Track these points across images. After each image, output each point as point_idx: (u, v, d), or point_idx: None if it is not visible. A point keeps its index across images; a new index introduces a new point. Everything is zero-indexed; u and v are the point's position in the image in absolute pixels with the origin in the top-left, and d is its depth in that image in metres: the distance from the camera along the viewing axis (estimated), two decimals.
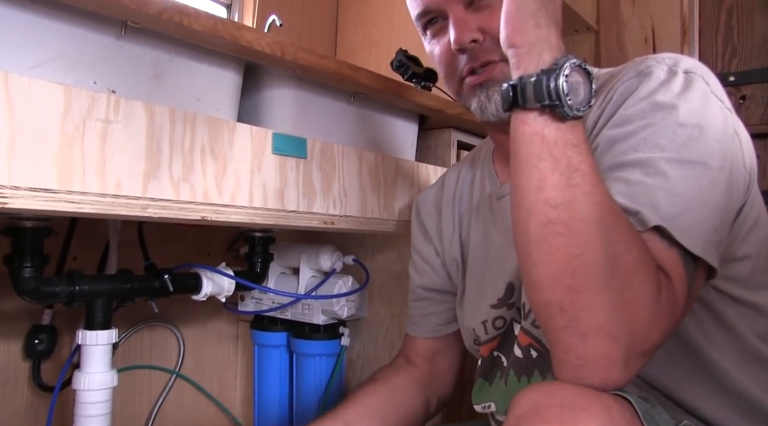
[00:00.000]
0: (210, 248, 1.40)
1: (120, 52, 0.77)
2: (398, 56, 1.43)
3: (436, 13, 0.80)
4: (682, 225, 0.59)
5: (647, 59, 0.71)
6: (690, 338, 0.69)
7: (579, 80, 0.57)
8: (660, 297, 0.55)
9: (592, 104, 0.58)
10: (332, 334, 1.30)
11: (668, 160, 0.61)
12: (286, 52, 0.85)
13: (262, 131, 0.86)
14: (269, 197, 0.87)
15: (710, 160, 0.62)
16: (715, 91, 0.68)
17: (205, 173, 0.79)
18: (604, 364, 0.53)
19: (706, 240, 0.60)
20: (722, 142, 0.64)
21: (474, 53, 0.77)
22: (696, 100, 0.65)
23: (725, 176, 0.63)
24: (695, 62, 0.70)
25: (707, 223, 0.60)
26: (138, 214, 0.72)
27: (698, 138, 0.63)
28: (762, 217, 0.73)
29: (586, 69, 0.58)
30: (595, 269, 0.54)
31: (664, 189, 0.60)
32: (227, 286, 1.13)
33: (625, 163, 0.63)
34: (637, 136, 0.64)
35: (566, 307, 0.55)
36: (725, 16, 2.07)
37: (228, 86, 0.89)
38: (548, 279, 0.56)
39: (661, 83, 0.67)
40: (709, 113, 0.65)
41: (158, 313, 1.13)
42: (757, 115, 2.00)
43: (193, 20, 0.75)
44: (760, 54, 2.01)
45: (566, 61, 0.57)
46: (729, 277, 0.69)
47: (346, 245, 1.36)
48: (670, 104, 0.65)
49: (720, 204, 0.62)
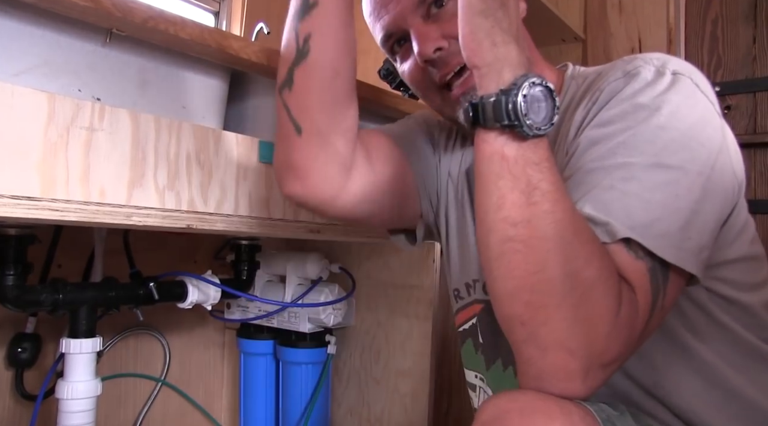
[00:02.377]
0: (197, 256, 1.40)
1: (105, 59, 0.77)
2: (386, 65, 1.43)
3: (398, 34, 0.79)
4: (654, 233, 0.58)
5: (636, 59, 0.70)
6: (681, 337, 0.70)
7: (539, 98, 0.56)
8: (620, 311, 0.55)
9: (555, 122, 0.57)
10: (318, 342, 1.29)
11: (645, 165, 0.61)
12: (272, 61, 0.85)
13: (248, 139, 0.86)
14: (255, 205, 0.86)
15: (690, 165, 0.62)
16: (705, 93, 0.66)
17: (191, 181, 0.79)
18: (563, 377, 0.54)
19: (681, 247, 0.59)
20: (705, 147, 0.63)
21: (443, 60, 0.76)
22: (681, 101, 0.64)
23: (705, 181, 0.62)
24: (684, 63, 0.69)
25: (682, 230, 0.60)
26: (122, 222, 0.72)
27: (679, 141, 0.62)
28: (750, 220, 0.74)
29: (548, 86, 0.57)
30: (552, 285, 0.54)
31: (638, 196, 0.60)
32: (213, 294, 1.13)
33: (602, 167, 0.62)
34: (617, 139, 0.63)
35: (526, 322, 0.55)
36: (710, 27, 2.09)
37: (214, 94, 0.89)
38: (508, 295, 0.57)
39: (647, 84, 0.66)
40: (693, 115, 0.64)
41: (144, 320, 1.13)
42: (741, 125, 2.02)
43: (179, 28, 0.75)
44: (744, 65, 2.03)
45: (525, 80, 0.55)
46: (720, 278, 0.70)
47: (333, 253, 1.36)
48: (652, 106, 0.64)
49: (697, 210, 0.61)
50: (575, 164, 0.66)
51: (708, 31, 2.09)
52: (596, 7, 2.16)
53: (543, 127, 0.56)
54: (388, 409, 1.32)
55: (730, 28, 2.06)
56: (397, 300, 1.30)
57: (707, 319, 0.70)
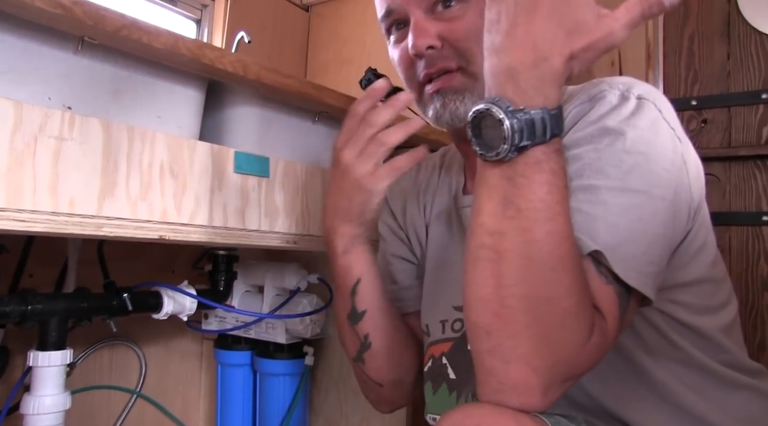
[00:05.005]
0: (175, 265, 1.38)
1: (77, 67, 0.76)
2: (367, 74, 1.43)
3: (397, 15, 0.80)
4: (619, 256, 0.59)
5: (601, 83, 0.71)
6: (636, 356, 0.70)
7: (493, 123, 0.55)
8: (590, 340, 0.55)
9: (509, 146, 0.54)
10: (296, 354, 1.28)
11: (611, 188, 0.61)
12: (249, 71, 0.84)
13: (223, 150, 0.85)
14: (230, 216, 0.86)
15: (654, 190, 0.62)
16: (666, 118, 0.67)
17: (164, 192, 0.78)
18: (524, 391, 0.54)
19: (642, 271, 0.60)
20: (668, 171, 0.64)
21: (431, 60, 0.77)
22: (645, 126, 0.65)
23: (667, 206, 0.63)
24: (649, 88, 0.70)
25: (645, 254, 0.60)
26: (92, 233, 0.71)
27: (644, 166, 0.63)
28: (709, 242, 0.74)
29: (505, 114, 0.55)
30: (527, 305, 0.54)
31: (603, 219, 0.60)
32: (189, 304, 1.12)
33: (571, 188, 0.62)
34: (583, 162, 0.64)
35: (492, 332, 0.55)
36: (687, 42, 2.12)
37: (190, 104, 0.88)
38: (478, 301, 0.56)
39: (612, 108, 0.66)
40: (657, 141, 0.65)
41: (119, 331, 1.11)
42: (717, 138, 2.05)
43: (153, 38, 0.74)
44: (720, 80, 2.06)
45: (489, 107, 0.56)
46: (674, 300, 0.70)
47: (312, 263, 1.35)
48: (618, 130, 0.64)
49: (660, 234, 0.62)
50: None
51: (685, 46, 2.12)
52: None
53: (495, 151, 0.55)
54: (367, 420, 1.31)
55: (706, 44, 2.09)
56: None
57: (662, 340, 0.71)
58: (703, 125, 2.05)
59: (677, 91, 2.11)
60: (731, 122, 2.02)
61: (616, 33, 0.53)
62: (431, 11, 0.77)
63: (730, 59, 2.04)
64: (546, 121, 0.54)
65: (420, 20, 0.77)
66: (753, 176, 1.97)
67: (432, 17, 0.77)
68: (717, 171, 2.01)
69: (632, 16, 0.53)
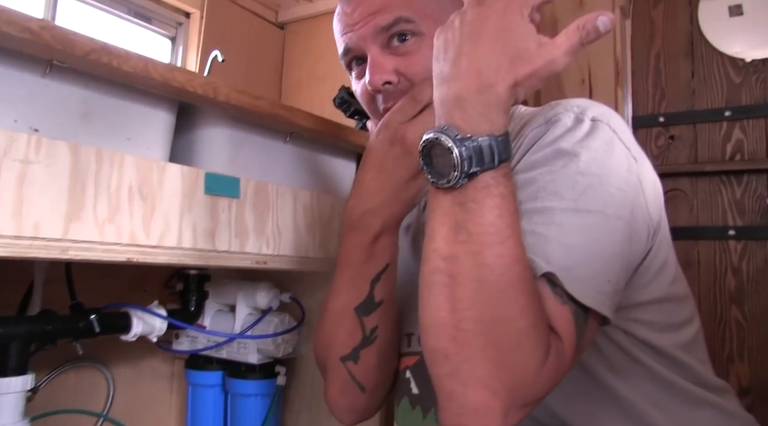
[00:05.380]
0: (146, 284, 1.37)
1: (45, 90, 0.75)
2: (341, 93, 1.44)
3: (355, 52, 0.82)
4: (574, 276, 0.60)
5: (558, 106, 0.72)
6: (600, 375, 0.71)
7: (442, 151, 0.57)
8: (546, 361, 0.56)
9: (459, 173, 0.56)
10: (268, 374, 1.27)
11: (565, 209, 0.62)
12: (219, 93, 0.84)
13: (193, 171, 0.85)
14: (200, 237, 0.85)
15: (608, 209, 0.63)
16: (622, 138, 0.68)
17: (132, 214, 0.77)
18: (484, 414, 0.55)
19: (599, 290, 0.61)
20: (623, 191, 0.65)
21: (388, 94, 0.79)
22: (599, 148, 0.66)
23: (623, 225, 0.64)
24: (604, 110, 0.71)
25: (602, 273, 0.61)
26: (58, 256, 0.70)
27: (598, 187, 0.64)
28: (670, 261, 0.75)
29: (454, 142, 0.56)
30: (482, 327, 0.55)
31: (558, 240, 0.61)
32: (159, 325, 1.11)
33: (524, 212, 0.63)
34: (537, 184, 0.65)
35: (450, 356, 0.56)
36: (654, 61, 2.17)
37: (160, 125, 0.88)
38: (434, 326, 0.57)
39: (567, 130, 0.68)
40: (611, 162, 0.66)
41: (87, 353, 1.09)
42: (684, 154, 2.10)
43: (123, 61, 0.74)
44: (685, 97, 2.11)
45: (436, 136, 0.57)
46: (636, 319, 0.71)
47: (285, 282, 1.34)
48: (572, 152, 0.65)
49: (617, 253, 0.63)
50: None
51: (652, 64, 2.18)
52: None
53: (446, 178, 0.57)
54: None
55: (672, 62, 2.15)
56: None
57: (626, 358, 0.72)
58: (670, 141, 2.10)
59: (645, 107, 2.16)
60: (697, 139, 2.07)
61: (558, 60, 0.55)
62: (387, 46, 0.79)
63: (694, 77, 2.10)
64: (493, 147, 0.56)
65: (376, 56, 0.79)
66: (719, 191, 2.02)
67: (388, 52, 0.79)
68: (684, 186, 2.06)
69: (572, 43, 0.55)
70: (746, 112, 2.00)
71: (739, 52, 2.05)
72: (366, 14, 0.79)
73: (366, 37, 0.79)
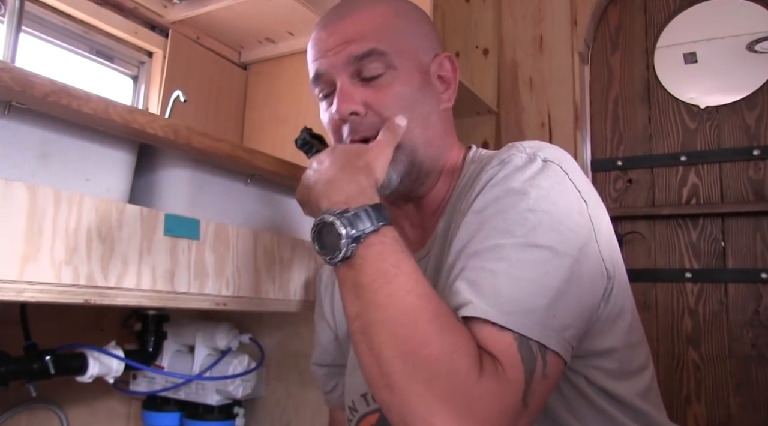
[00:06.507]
0: (103, 324, 1.34)
1: (3, 130, 0.75)
2: (303, 134, 1.45)
3: (325, 79, 0.82)
4: (521, 309, 0.60)
5: (512, 147, 0.74)
6: (561, 417, 0.71)
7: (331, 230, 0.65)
8: (481, 378, 0.56)
9: (344, 249, 0.64)
10: (227, 415, 1.26)
11: (515, 245, 0.64)
12: (180, 136, 0.85)
13: (153, 213, 0.85)
14: (158, 279, 0.85)
15: (559, 246, 0.64)
16: (573, 180, 0.70)
17: (90, 255, 0.77)
18: None
19: (545, 324, 0.61)
20: (574, 231, 0.66)
21: (354, 126, 0.80)
22: (550, 187, 0.67)
23: (572, 263, 0.64)
24: (556, 151, 0.72)
25: (548, 307, 0.61)
26: (13, 298, 0.69)
27: (548, 223, 0.65)
28: (627, 306, 0.75)
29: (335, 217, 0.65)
30: (401, 365, 0.57)
31: (506, 274, 0.62)
32: (116, 366, 1.09)
33: (477, 251, 0.65)
34: (490, 224, 0.66)
35: (391, 406, 0.58)
36: (612, 106, 2.24)
37: (120, 166, 0.88)
38: (371, 381, 0.61)
39: (517, 169, 0.69)
40: (561, 201, 0.67)
41: (40, 394, 1.06)
42: (642, 197, 2.15)
43: (83, 103, 0.75)
44: (642, 142, 2.18)
45: None
46: (596, 366, 0.72)
47: (245, 322, 1.34)
48: (521, 190, 0.67)
49: (564, 290, 0.63)
50: (456, 252, 0.69)
51: (610, 109, 2.24)
52: (509, 84, 2.28)
53: (337, 249, 0.64)
54: None
55: (629, 108, 2.21)
56: (308, 371, 1.29)
57: (585, 404, 0.72)
58: (628, 185, 2.15)
59: (604, 151, 2.22)
60: (654, 182, 2.13)
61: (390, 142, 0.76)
62: (358, 76, 0.80)
63: (651, 123, 2.16)
64: (370, 212, 0.65)
65: (345, 86, 0.80)
66: (675, 234, 2.07)
67: (359, 82, 0.80)
68: (642, 229, 2.11)
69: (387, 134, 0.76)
70: (701, 157, 2.07)
71: (693, 97, 2.12)
72: (340, 42, 0.80)
73: (337, 65, 0.80)
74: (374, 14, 0.81)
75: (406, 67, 0.81)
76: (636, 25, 2.24)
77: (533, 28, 2.28)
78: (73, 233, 0.75)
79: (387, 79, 0.80)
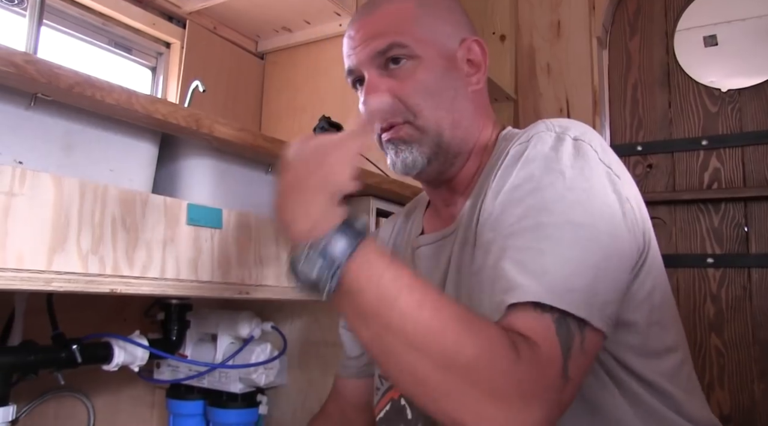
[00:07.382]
0: (126, 314, 1.36)
1: (29, 122, 0.76)
2: (321, 123, 1.46)
3: (356, 74, 0.86)
4: (567, 288, 0.60)
5: (538, 124, 0.75)
6: (594, 396, 0.71)
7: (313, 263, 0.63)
8: (519, 361, 0.56)
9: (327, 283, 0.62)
10: (250, 403, 1.27)
11: (556, 224, 0.64)
12: (202, 125, 0.86)
13: (176, 202, 0.86)
14: (182, 268, 0.86)
15: (598, 223, 0.65)
16: (603, 159, 0.70)
17: (116, 245, 0.78)
18: None
19: (589, 302, 0.61)
20: (610, 207, 0.67)
21: (382, 115, 0.83)
22: (582, 165, 0.68)
23: (610, 240, 0.65)
24: (585, 129, 0.73)
25: (592, 285, 0.62)
26: (41, 288, 0.70)
27: (585, 202, 0.65)
28: (659, 284, 0.76)
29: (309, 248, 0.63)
30: (433, 379, 0.57)
31: (552, 253, 0.62)
32: (140, 355, 1.10)
33: (517, 231, 0.65)
34: (526, 203, 0.67)
35: (444, 415, 0.58)
36: (631, 91, 2.21)
37: (143, 157, 0.89)
38: (414, 397, 0.60)
39: (550, 149, 0.70)
40: (595, 179, 0.68)
41: (67, 382, 1.08)
42: (662, 183, 2.13)
43: (106, 94, 0.75)
44: (662, 127, 2.15)
45: None
46: (621, 342, 0.72)
47: (266, 311, 1.35)
48: (557, 170, 0.67)
49: (605, 266, 0.63)
50: (493, 229, 0.69)
51: (629, 94, 2.22)
52: (526, 70, 2.26)
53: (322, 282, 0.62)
54: None
55: (648, 92, 2.19)
56: (329, 358, 1.30)
57: (614, 384, 0.72)
58: (648, 170, 2.13)
59: (623, 136, 2.20)
60: (675, 167, 2.10)
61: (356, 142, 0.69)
62: (384, 68, 0.84)
63: (671, 107, 2.14)
64: (341, 233, 0.63)
65: (372, 79, 0.83)
66: (697, 219, 2.05)
67: (385, 74, 0.84)
68: (663, 214, 2.09)
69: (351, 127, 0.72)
70: (723, 141, 2.04)
71: (714, 81, 2.09)
72: (365, 38, 0.84)
73: (364, 60, 0.84)
74: (396, 8, 0.85)
75: (429, 55, 0.84)
76: (655, 9, 2.21)
77: (550, 13, 2.26)
78: (98, 223, 0.76)
79: (410, 68, 0.83)
